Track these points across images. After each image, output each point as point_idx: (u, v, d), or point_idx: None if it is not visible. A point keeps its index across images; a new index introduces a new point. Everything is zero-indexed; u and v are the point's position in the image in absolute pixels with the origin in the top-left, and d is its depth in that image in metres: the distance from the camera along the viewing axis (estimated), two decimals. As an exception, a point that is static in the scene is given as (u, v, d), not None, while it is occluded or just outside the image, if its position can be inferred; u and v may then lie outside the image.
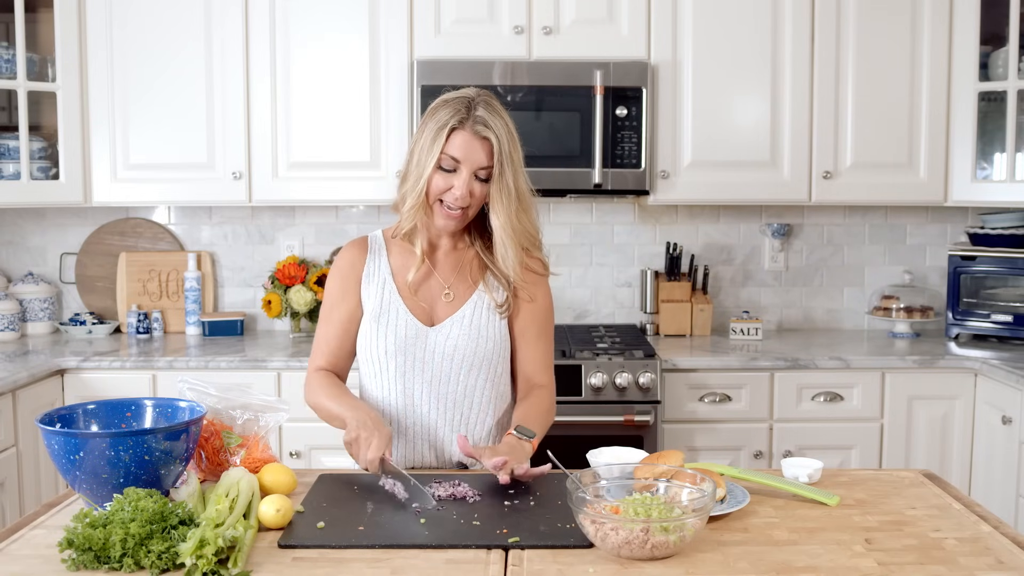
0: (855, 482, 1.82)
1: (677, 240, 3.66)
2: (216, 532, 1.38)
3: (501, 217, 1.88)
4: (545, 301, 2.03)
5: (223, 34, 3.27)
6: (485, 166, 1.85)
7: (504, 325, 1.97)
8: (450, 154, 1.84)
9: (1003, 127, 3.26)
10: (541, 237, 2.00)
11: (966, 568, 1.41)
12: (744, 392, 3.12)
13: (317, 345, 2.00)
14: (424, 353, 1.93)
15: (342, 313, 1.98)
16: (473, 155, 1.84)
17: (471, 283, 1.97)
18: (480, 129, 1.83)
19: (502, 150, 1.84)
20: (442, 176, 1.85)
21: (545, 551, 1.47)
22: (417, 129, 1.92)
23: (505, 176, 1.85)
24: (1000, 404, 2.98)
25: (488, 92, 1.91)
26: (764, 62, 3.28)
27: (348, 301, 1.97)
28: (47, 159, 3.40)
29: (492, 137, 1.84)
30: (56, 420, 1.66)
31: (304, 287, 3.50)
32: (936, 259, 3.74)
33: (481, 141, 1.84)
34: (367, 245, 2.01)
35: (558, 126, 3.22)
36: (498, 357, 1.97)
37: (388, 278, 1.96)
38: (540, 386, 2.00)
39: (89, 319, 3.57)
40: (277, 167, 3.31)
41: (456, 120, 1.83)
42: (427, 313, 1.95)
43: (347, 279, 1.98)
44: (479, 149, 1.84)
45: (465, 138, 1.83)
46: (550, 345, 2.04)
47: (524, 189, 1.90)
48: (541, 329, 2.01)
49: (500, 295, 1.97)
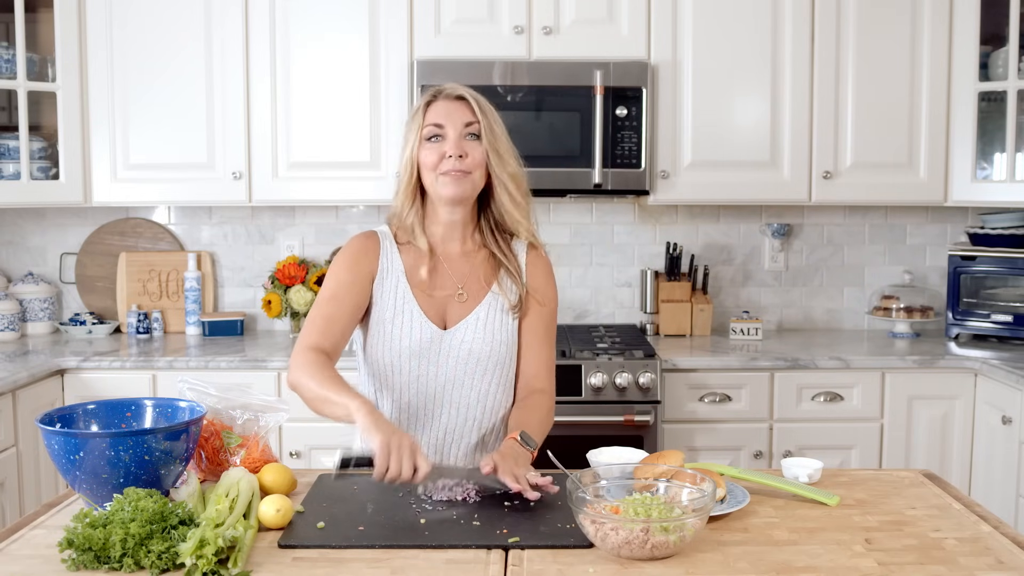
0: (855, 482, 1.82)
1: (677, 240, 3.66)
2: (216, 532, 1.37)
3: (510, 166, 1.89)
4: (553, 305, 2.02)
5: (223, 34, 3.27)
6: (470, 120, 1.87)
7: (515, 326, 1.96)
8: (432, 122, 1.86)
9: (1003, 127, 3.26)
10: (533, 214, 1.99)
11: (966, 568, 1.41)
12: (744, 392, 3.12)
13: (315, 322, 1.87)
14: (439, 357, 1.90)
15: (354, 299, 1.89)
16: (454, 114, 1.87)
17: (484, 284, 1.95)
18: (452, 91, 1.89)
19: (481, 106, 1.88)
20: (432, 148, 1.86)
21: (545, 551, 1.47)
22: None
23: (493, 128, 1.88)
24: (1000, 404, 2.98)
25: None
26: (764, 62, 3.29)
27: (359, 290, 1.90)
28: (47, 159, 3.40)
29: (467, 94, 1.88)
30: (56, 420, 1.66)
31: (304, 287, 3.50)
32: (936, 259, 3.74)
33: (458, 101, 1.88)
34: (378, 240, 1.95)
35: (558, 126, 3.22)
36: (510, 359, 1.95)
37: (402, 278, 1.92)
38: (540, 391, 1.97)
39: (89, 319, 3.57)
40: (277, 167, 3.31)
41: (429, 95, 1.90)
42: (440, 315, 1.92)
43: (360, 269, 1.91)
44: (459, 108, 1.87)
45: (442, 104, 1.88)
46: (553, 349, 2.02)
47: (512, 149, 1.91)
48: (547, 332, 2.00)
49: (514, 295, 1.95)
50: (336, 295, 1.89)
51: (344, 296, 1.89)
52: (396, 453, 1.58)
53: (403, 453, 1.58)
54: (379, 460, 1.58)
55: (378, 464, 1.58)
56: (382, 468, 1.58)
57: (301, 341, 1.87)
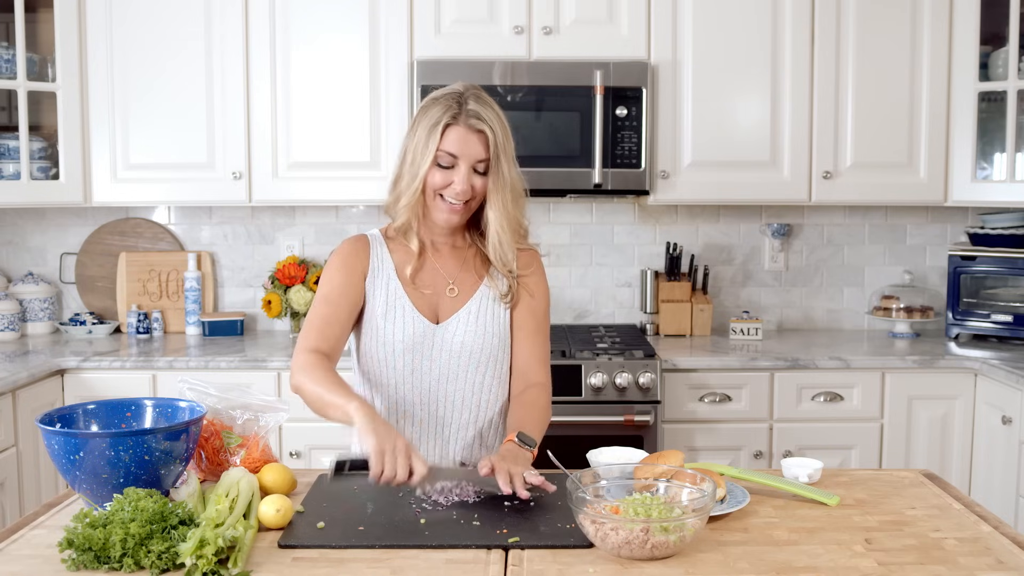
0: (855, 482, 1.82)
1: (677, 240, 3.66)
2: (216, 532, 1.37)
3: (496, 208, 1.88)
4: (543, 297, 2.02)
5: (223, 34, 3.27)
6: (482, 159, 1.85)
7: (507, 318, 1.97)
8: (447, 150, 1.83)
9: (1003, 127, 3.26)
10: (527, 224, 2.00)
11: (966, 568, 1.41)
12: (744, 392, 3.12)
13: (313, 324, 1.89)
14: (432, 351, 1.92)
15: (349, 299, 1.92)
16: (470, 149, 1.84)
17: (476, 278, 1.97)
18: (474, 123, 1.83)
19: (497, 142, 1.85)
20: (440, 173, 1.85)
21: (545, 551, 1.47)
22: (408, 129, 1.91)
23: (501, 167, 1.86)
24: (1000, 404, 2.98)
25: (475, 85, 1.91)
26: (764, 62, 3.29)
27: (354, 290, 1.93)
28: (47, 159, 3.40)
29: (487, 130, 1.84)
30: (56, 420, 1.66)
31: (304, 287, 3.50)
32: (936, 259, 3.74)
33: (476, 135, 1.84)
34: (368, 242, 1.99)
35: (558, 126, 3.22)
36: (503, 352, 1.96)
37: (393, 275, 1.94)
38: (536, 384, 1.97)
39: (89, 319, 3.57)
40: (277, 167, 3.31)
41: (449, 116, 1.83)
42: (433, 309, 1.94)
43: (353, 269, 1.94)
44: (475, 143, 1.84)
45: (460, 133, 1.83)
46: (546, 342, 2.02)
47: (517, 179, 1.91)
48: (538, 324, 2.00)
49: (503, 285, 1.96)
50: (330, 297, 1.91)
51: (339, 297, 1.91)
52: (391, 456, 1.59)
53: (398, 455, 1.59)
54: (374, 462, 1.59)
55: (373, 467, 1.59)
56: (377, 470, 1.59)
57: (300, 345, 1.88)
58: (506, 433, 1.88)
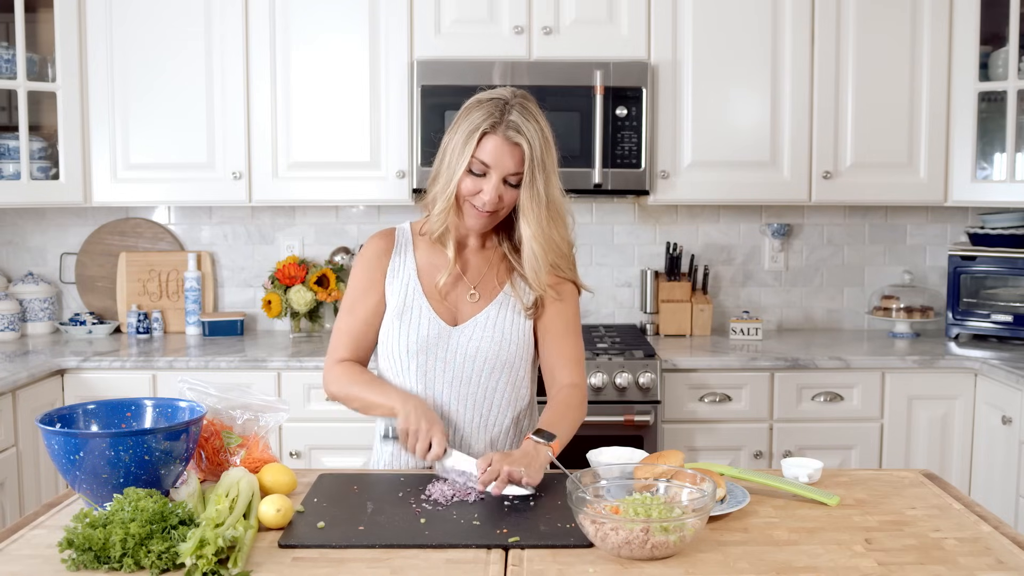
0: (855, 482, 1.82)
1: (677, 240, 3.66)
2: (216, 532, 1.37)
3: (532, 225, 1.84)
4: (572, 298, 1.99)
5: (223, 34, 3.27)
6: (515, 172, 1.82)
7: (529, 327, 1.95)
8: (480, 159, 1.80)
9: (1003, 127, 3.26)
10: (574, 253, 1.96)
11: (966, 568, 1.41)
12: (744, 392, 3.12)
13: (339, 337, 1.96)
14: (446, 353, 1.91)
15: (367, 306, 1.95)
16: (503, 161, 1.81)
17: (497, 284, 1.95)
18: (512, 135, 1.80)
19: (533, 157, 1.81)
20: (472, 179, 1.82)
21: (545, 551, 1.47)
22: (450, 127, 1.87)
23: (536, 183, 1.82)
24: (1000, 404, 2.98)
25: (525, 93, 1.88)
26: (764, 62, 3.29)
27: (373, 294, 1.95)
28: (47, 159, 3.40)
29: (524, 143, 1.80)
30: (56, 420, 1.66)
31: (304, 287, 3.50)
32: (936, 259, 3.74)
33: (512, 147, 1.80)
34: (394, 239, 1.98)
35: (558, 126, 3.15)
36: (520, 360, 1.94)
37: (413, 275, 1.94)
38: (570, 384, 1.94)
39: (89, 319, 3.57)
40: (277, 167, 3.31)
41: (488, 124, 1.79)
42: (451, 312, 1.93)
43: (373, 271, 1.95)
44: (509, 155, 1.81)
45: (496, 143, 1.80)
46: (579, 342, 1.99)
47: (557, 197, 1.87)
48: (568, 325, 1.97)
49: (528, 297, 1.94)
50: (353, 308, 1.97)
51: (359, 307, 1.96)
52: (413, 436, 1.77)
53: (419, 436, 1.76)
54: (401, 440, 1.80)
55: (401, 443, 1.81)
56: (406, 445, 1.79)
57: (330, 356, 1.97)
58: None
